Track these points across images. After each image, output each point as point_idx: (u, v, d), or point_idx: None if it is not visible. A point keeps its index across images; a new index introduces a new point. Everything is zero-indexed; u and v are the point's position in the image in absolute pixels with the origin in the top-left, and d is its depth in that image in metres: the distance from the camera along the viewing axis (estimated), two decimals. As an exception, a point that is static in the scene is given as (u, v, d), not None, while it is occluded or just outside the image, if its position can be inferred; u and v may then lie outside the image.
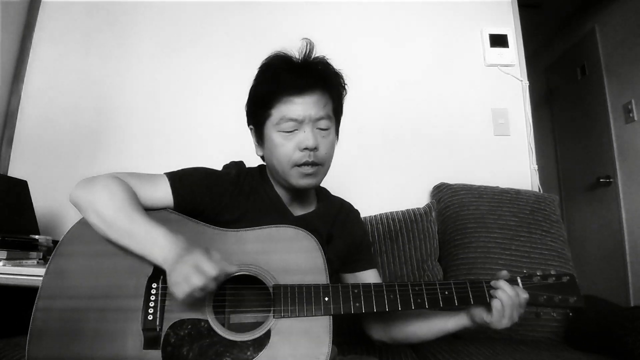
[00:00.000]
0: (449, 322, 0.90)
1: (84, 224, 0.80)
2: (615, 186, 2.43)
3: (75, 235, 0.81)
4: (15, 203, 1.51)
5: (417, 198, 1.70)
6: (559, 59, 3.09)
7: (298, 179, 0.88)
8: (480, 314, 0.85)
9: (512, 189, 1.59)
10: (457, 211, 1.52)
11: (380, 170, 1.78)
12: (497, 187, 1.60)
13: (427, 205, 1.56)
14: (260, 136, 0.91)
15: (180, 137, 1.80)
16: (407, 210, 1.54)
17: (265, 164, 0.98)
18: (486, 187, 1.58)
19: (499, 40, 1.89)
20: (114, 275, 0.78)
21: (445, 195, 1.59)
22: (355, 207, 1.11)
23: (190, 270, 0.69)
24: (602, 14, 2.55)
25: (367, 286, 0.82)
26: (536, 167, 1.80)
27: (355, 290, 0.81)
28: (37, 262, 1.33)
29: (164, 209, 0.85)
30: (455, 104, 1.85)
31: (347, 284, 0.83)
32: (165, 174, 0.88)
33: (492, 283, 0.84)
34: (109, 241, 0.78)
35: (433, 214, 1.53)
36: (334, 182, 1.28)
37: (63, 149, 1.77)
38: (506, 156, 1.80)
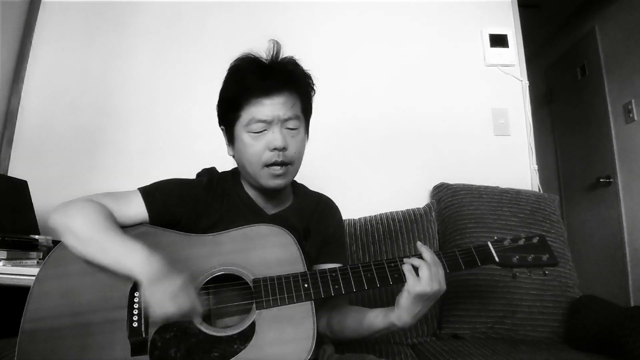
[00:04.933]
0: (377, 320, 0.87)
1: (64, 248, 0.82)
2: (615, 186, 2.43)
3: (56, 258, 0.82)
4: (15, 203, 1.51)
5: (417, 198, 1.70)
6: (559, 59, 3.09)
7: (268, 180, 0.90)
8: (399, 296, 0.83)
9: (512, 189, 1.59)
10: (457, 211, 1.51)
11: (380, 170, 1.78)
12: (497, 187, 1.60)
13: (427, 205, 1.56)
14: (230, 137, 0.93)
15: (179, 137, 1.80)
16: (407, 210, 1.54)
17: (237, 166, 0.99)
18: (486, 187, 1.58)
19: (499, 40, 1.89)
20: (96, 291, 0.79)
21: (445, 195, 1.59)
22: (356, 207, 1.11)
23: (166, 297, 0.72)
24: (602, 14, 2.55)
25: (344, 269, 0.85)
26: (536, 167, 1.80)
27: (333, 274, 0.84)
28: (37, 262, 1.32)
29: (141, 224, 0.87)
30: (455, 104, 1.84)
31: (324, 269, 0.85)
32: (138, 189, 0.90)
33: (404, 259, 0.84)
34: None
35: (433, 214, 1.53)
36: (334, 182, 1.28)
37: (63, 149, 1.77)
38: (506, 156, 1.80)
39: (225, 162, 1.03)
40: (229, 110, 0.91)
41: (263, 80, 0.86)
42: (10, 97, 1.80)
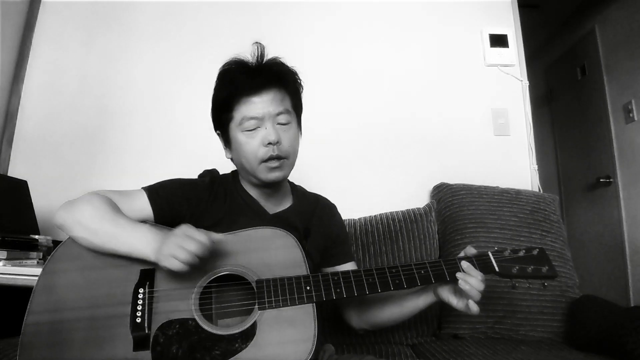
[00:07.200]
0: (419, 301, 0.97)
1: (70, 243, 0.84)
2: (615, 186, 2.43)
3: (62, 253, 0.84)
4: (15, 203, 1.51)
5: (417, 198, 1.70)
6: (559, 59, 3.09)
7: (266, 174, 0.93)
8: (446, 294, 0.93)
9: (512, 189, 1.59)
10: (457, 211, 1.51)
11: (380, 170, 1.78)
12: (497, 187, 1.60)
13: (427, 205, 1.56)
14: (227, 139, 0.97)
15: (179, 137, 1.80)
16: (407, 210, 1.54)
17: (236, 168, 1.02)
18: (486, 187, 1.58)
19: (499, 40, 1.89)
20: (101, 286, 0.81)
21: (445, 195, 1.59)
22: (356, 207, 1.13)
23: (182, 239, 0.75)
24: (602, 14, 2.55)
25: (346, 273, 0.87)
26: (536, 167, 1.80)
27: (335, 278, 0.86)
28: (37, 262, 1.33)
29: (144, 222, 0.88)
30: (455, 104, 1.84)
31: (326, 272, 0.88)
32: (142, 188, 0.93)
33: (464, 270, 0.89)
34: (96, 251, 0.81)
35: (433, 214, 1.53)
36: (335, 182, 1.28)
37: (63, 149, 1.77)
38: (506, 156, 1.80)
39: (226, 162, 1.04)
40: (222, 112, 0.94)
41: (251, 79, 0.90)
42: (10, 97, 1.80)
